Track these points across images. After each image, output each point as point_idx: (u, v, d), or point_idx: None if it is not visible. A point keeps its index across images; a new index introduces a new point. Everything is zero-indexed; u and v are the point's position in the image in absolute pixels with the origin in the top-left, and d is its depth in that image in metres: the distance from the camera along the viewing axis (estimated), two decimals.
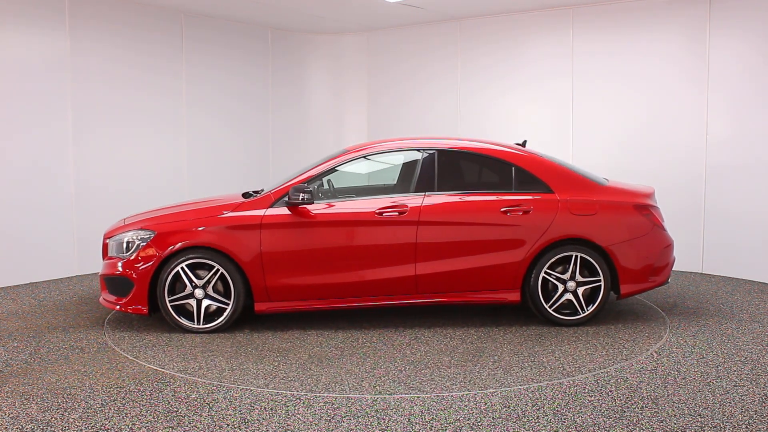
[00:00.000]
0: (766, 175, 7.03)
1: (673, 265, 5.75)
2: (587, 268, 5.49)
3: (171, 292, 5.41)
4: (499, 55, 8.81)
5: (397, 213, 5.43)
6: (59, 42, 7.41)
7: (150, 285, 5.39)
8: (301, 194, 5.33)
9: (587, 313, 5.48)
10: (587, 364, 4.62)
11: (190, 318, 5.44)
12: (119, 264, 5.46)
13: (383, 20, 9.26)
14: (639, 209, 5.56)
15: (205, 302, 5.41)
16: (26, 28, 7.15)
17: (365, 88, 10.13)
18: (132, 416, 3.80)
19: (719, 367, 4.53)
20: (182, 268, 5.37)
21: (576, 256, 5.45)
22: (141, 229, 5.50)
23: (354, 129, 10.24)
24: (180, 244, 5.35)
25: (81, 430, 3.63)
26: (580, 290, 5.48)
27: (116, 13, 7.88)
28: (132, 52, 8.06)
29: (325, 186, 5.90)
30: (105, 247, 5.70)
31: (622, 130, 7.99)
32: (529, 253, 5.43)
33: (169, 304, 5.40)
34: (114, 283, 5.52)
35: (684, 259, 7.50)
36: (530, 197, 5.51)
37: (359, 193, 5.89)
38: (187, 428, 3.65)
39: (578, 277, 5.46)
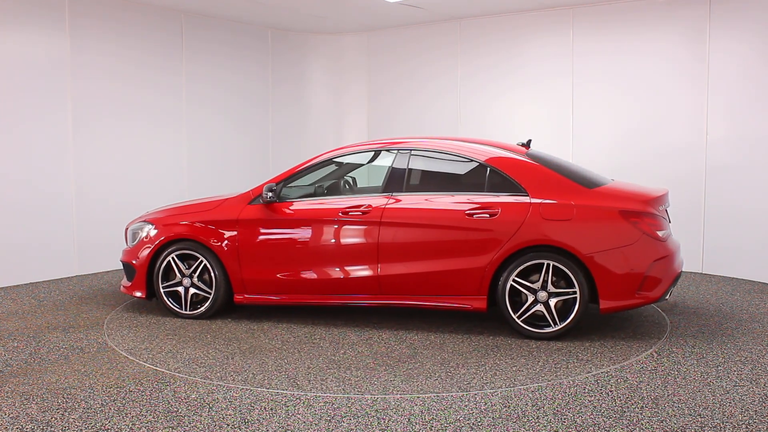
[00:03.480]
0: (766, 175, 7.03)
1: (673, 278, 5.19)
2: (565, 279, 5.07)
3: (166, 280, 5.88)
4: (499, 55, 8.81)
5: (360, 213, 5.45)
6: (59, 40, 7.41)
7: (149, 272, 5.90)
8: (269, 193, 5.61)
9: (558, 327, 5.05)
10: (553, 373, 4.61)
11: (181, 304, 5.89)
12: (128, 252, 6.08)
13: (383, 20, 9.26)
14: (625, 215, 5.02)
15: (192, 290, 5.83)
16: (26, 26, 7.15)
17: (365, 88, 10.13)
18: (132, 416, 3.80)
19: (719, 367, 4.53)
20: (172, 258, 5.83)
21: (548, 264, 5.04)
22: (144, 221, 6.06)
23: (354, 128, 10.25)
24: (170, 235, 5.83)
25: (81, 430, 3.63)
26: (552, 301, 5.06)
27: (116, 13, 7.88)
28: (132, 51, 8.06)
29: (349, 185, 6.12)
30: (126, 235, 6.25)
31: (621, 130, 7.99)
32: (494, 259, 5.11)
33: (162, 290, 5.88)
34: (126, 268, 6.11)
35: (684, 259, 7.48)
36: (499, 199, 5.21)
37: (344, 192, 6.02)
38: (187, 428, 3.65)
39: (550, 287, 5.05)
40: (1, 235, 7.05)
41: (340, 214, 5.49)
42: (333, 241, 5.52)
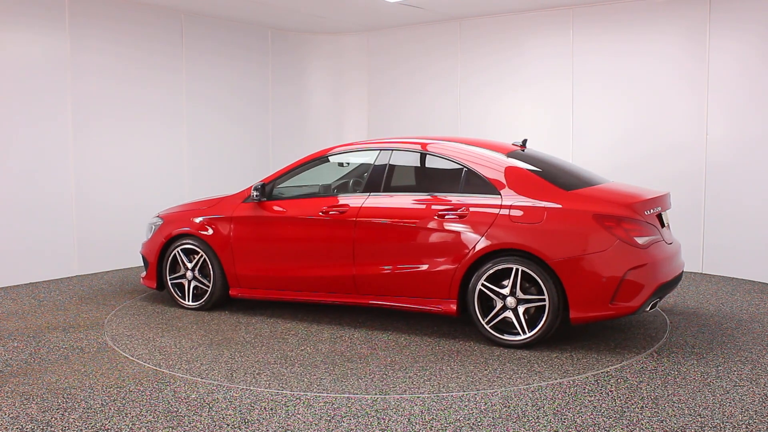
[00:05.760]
0: (766, 175, 7.03)
1: (655, 288, 4.79)
2: (536, 285, 4.81)
3: (173, 272, 6.22)
4: (499, 55, 8.81)
5: (338, 212, 5.49)
6: (59, 41, 7.41)
7: (159, 264, 6.24)
8: (255, 192, 5.82)
9: (527, 336, 4.81)
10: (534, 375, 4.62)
11: (185, 296, 6.22)
12: (144, 245, 6.48)
13: (383, 20, 9.26)
14: (599, 220, 4.71)
15: (193, 283, 6.13)
16: (26, 27, 7.15)
17: (365, 88, 10.13)
18: (132, 416, 3.80)
19: (719, 367, 4.53)
20: (177, 252, 6.14)
21: (516, 270, 4.80)
22: (157, 217, 6.47)
23: (354, 128, 10.25)
24: (175, 231, 6.13)
25: (81, 430, 3.63)
26: (521, 308, 4.83)
27: (116, 13, 7.88)
28: (132, 51, 8.06)
29: (360, 185, 6.06)
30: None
31: (621, 129, 7.99)
32: (464, 262, 4.96)
33: (169, 282, 6.23)
34: (143, 260, 6.49)
35: (684, 259, 7.49)
36: (469, 200, 5.06)
37: (352, 192, 5.94)
38: (187, 428, 3.65)
39: (519, 294, 4.82)
40: (1, 235, 7.05)
41: (320, 213, 5.55)
42: (313, 239, 5.58)
